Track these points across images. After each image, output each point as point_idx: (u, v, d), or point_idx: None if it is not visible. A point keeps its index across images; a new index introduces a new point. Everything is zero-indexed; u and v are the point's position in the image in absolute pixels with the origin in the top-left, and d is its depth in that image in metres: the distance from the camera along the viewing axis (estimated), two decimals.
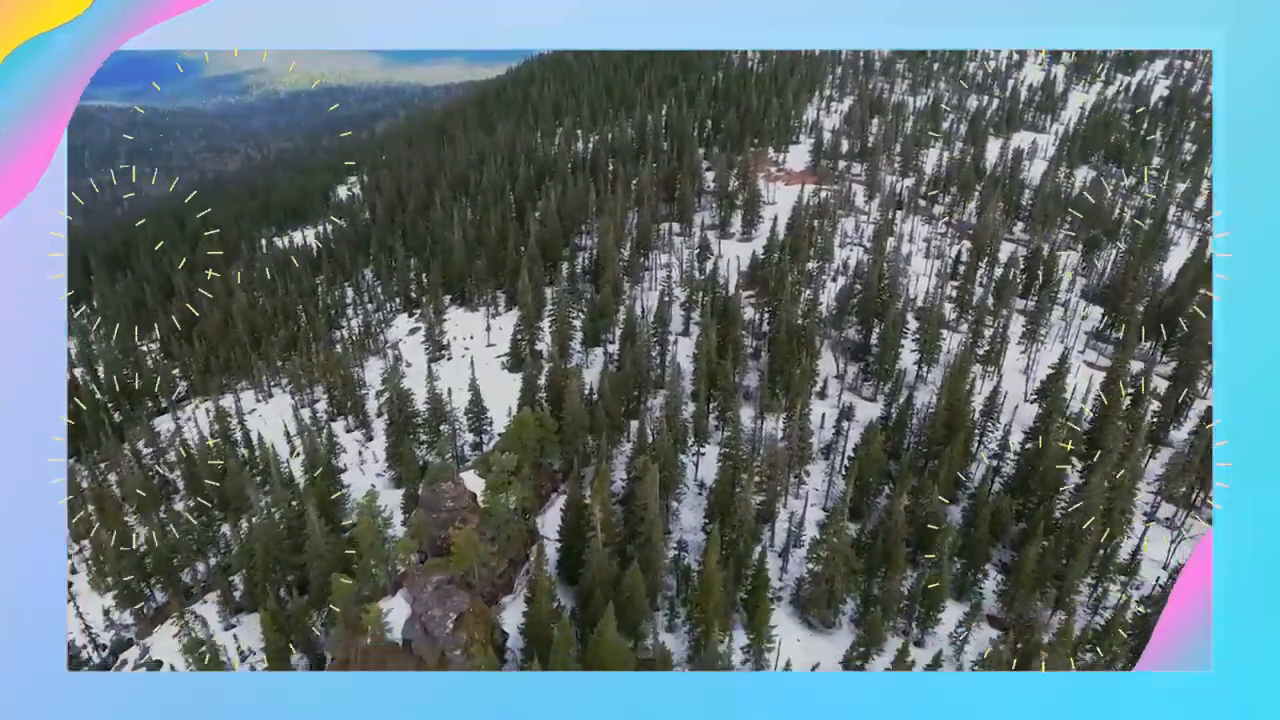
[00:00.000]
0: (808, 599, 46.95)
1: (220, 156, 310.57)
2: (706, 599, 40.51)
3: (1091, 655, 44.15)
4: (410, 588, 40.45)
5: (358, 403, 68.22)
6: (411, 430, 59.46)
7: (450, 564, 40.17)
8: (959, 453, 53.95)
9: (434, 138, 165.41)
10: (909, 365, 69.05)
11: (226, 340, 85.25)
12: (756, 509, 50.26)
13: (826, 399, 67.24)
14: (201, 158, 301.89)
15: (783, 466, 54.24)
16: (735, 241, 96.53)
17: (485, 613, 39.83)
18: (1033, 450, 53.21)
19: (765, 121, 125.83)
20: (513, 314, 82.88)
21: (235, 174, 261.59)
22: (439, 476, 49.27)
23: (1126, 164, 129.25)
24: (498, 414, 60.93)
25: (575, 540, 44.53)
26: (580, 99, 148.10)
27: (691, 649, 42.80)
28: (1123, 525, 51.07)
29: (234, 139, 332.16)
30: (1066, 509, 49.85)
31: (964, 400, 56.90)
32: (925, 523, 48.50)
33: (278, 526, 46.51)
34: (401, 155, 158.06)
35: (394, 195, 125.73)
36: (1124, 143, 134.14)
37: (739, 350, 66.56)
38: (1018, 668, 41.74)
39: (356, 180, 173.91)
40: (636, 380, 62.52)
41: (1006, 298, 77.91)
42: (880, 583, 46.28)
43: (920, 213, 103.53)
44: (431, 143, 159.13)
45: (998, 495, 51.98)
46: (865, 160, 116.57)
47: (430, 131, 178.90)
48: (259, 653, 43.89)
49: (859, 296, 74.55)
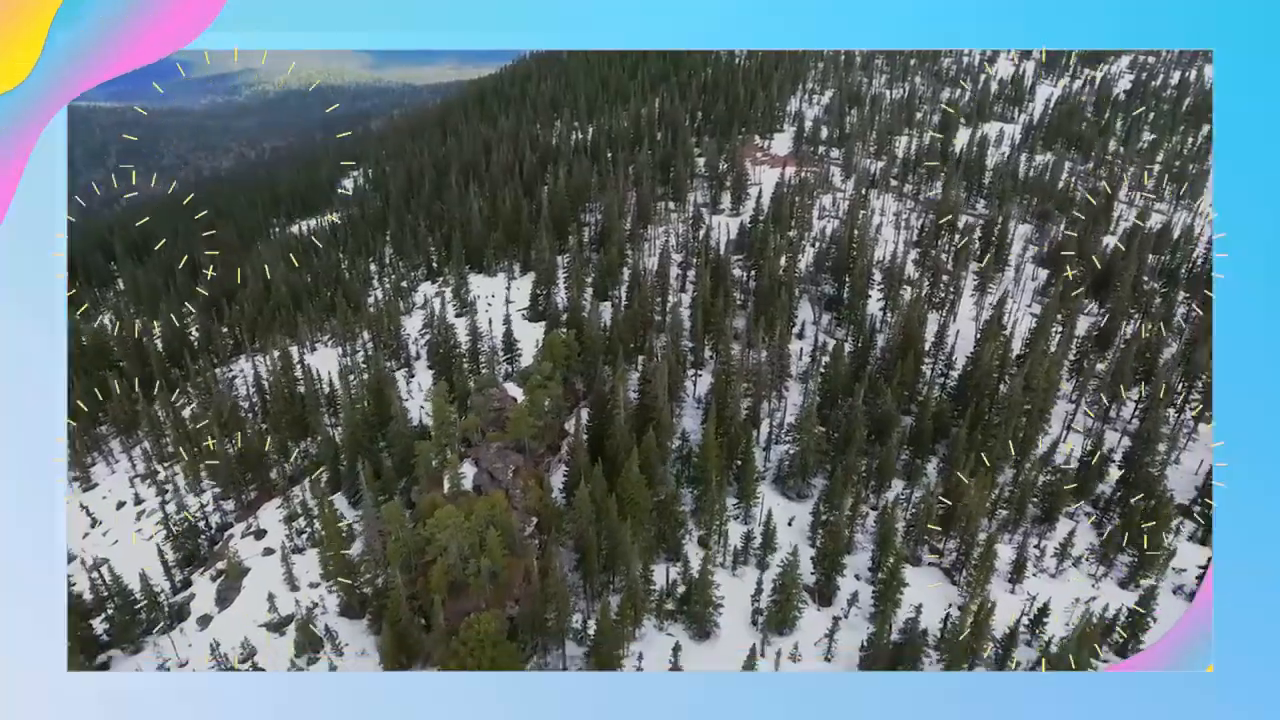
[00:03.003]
0: (786, 475, 60.64)
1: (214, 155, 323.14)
2: (707, 458, 53.99)
3: (1006, 512, 58.19)
4: (477, 453, 53.68)
5: (402, 344, 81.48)
6: (454, 360, 72.51)
7: (507, 433, 53.44)
8: (910, 369, 67.82)
9: (437, 131, 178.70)
10: (875, 312, 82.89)
11: (270, 303, 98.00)
12: (745, 412, 63.91)
13: (804, 339, 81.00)
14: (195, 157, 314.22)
15: (766, 382, 67.87)
16: (725, 216, 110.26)
17: (536, 465, 53.09)
18: (970, 364, 67.31)
19: (752, 112, 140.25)
20: (528, 278, 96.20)
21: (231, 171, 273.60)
22: (486, 386, 62.61)
23: (1085, 150, 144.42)
24: (525, 351, 74.18)
25: (602, 422, 57.72)
26: (577, 93, 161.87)
27: (695, 501, 56.27)
28: (1040, 424, 65.29)
29: (226, 138, 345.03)
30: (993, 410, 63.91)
31: (916, 328, 70.68)
32: (881, 418, 62.32)
33: (359, 415, 59.52)
34: (407, 147, 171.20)
35: (405, 181, 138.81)
36: (1084, 131, 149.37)
37: (729, 298, 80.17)
38: (941, 524, 55.28)
39: (361, 173, 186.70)
40: (643, 320, 75.95)
41: (963, 259, 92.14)
42: (842, 460, 59.83)
43: (891, 191, 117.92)
44: (435, 135, 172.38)
45: (940, 400, 65.96)
46: (843, 145, 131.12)
47: (432, 125, 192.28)
48: (355, 513, 56.40)
49: (833, 258, 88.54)
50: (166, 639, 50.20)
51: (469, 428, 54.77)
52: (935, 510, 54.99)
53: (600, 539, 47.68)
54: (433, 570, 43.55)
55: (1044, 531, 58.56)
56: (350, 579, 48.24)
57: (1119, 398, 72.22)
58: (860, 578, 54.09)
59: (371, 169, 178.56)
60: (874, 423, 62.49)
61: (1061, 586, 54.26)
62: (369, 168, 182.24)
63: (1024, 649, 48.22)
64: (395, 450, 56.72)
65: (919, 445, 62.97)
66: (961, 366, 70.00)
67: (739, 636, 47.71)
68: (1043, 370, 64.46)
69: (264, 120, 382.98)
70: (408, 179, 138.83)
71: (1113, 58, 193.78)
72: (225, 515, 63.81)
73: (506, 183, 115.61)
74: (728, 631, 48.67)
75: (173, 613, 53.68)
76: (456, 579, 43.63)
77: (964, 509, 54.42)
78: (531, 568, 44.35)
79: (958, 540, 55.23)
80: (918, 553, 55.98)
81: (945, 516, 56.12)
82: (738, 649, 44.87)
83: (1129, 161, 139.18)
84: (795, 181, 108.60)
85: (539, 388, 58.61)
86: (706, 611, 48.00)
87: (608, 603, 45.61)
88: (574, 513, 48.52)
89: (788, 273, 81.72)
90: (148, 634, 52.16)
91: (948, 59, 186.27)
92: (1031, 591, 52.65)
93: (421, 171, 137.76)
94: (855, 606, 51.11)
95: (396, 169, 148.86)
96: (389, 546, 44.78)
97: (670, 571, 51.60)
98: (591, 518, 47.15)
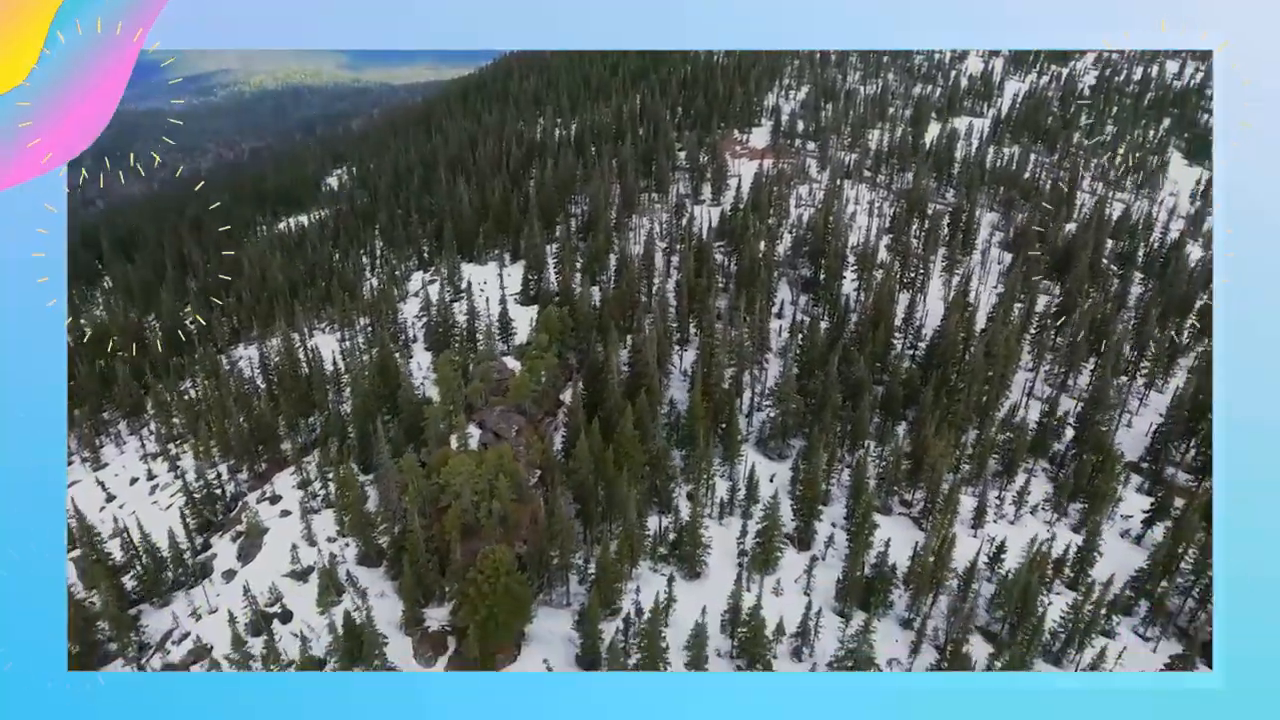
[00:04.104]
0: (767, 437, 66.06)
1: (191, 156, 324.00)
2: (694, 418, 59.22)
3: (969, 467, 63.91)
4: (481, 417, 58.53)
5: (400, 327, 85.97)
6: (452, 340, 77.14)
7: (510, 397, 58.35)
8: (881, 341, 73.54)
9: (421, 128, 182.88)
10: (850, 292, 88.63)
11: (266, 292, 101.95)
12: (729, 381, 69.23)
13: (783, 318, 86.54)
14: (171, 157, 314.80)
15: (748, 355, 73.24)
16: (705, 206, 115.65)
17: (536, 427, 58.06)
18: (937, 335, 73.17)
19: (730, 107, 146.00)
20: (518, 265, 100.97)
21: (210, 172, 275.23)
22: (485, 359, 67.49)
23: (1050, 143, 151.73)
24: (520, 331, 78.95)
25: (597, 389, 62.71)
26: (559, 90, 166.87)
27: (683, 460, 61.48)
28: (1001, 389, 71.26)
29: (203, 138, 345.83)
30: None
31: (887, 303, 76.39)
32: (855, 384, 67.91)
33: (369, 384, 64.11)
34: (391, 143, 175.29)
35: (393, 176, 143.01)
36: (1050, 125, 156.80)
37: (712, 279, 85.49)
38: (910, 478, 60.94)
39: (345, 170, 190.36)
40: (631, 300, 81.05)
41: (932, 243, 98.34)
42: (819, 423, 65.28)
43: (865, 181, 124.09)
44: (420, 132, 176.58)
45: (909, 370, 71.77)
46: (818, 139, 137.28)
47: (415, 123, 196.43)
48: (366, 478, 60.91)
49: (809, 243, 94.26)
50: (199, 590, 54.53)
51: (473, 393, 59.62)
52: (903, 463, 60.69)
53: (598, 488, 52.72)
54: (447, 515, 48.35)
55: (1004, 484, 64.40)
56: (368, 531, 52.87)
57: (1075, 367, 78.48)
58: (836, 525, 59.51)
59: (356, 166, 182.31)
60: (848, 388, 68.03)
61: (1019, 531, 59.99)
62: (353, 165, 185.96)
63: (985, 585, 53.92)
64: (404, 416, 61.34)
65: (890, 410, 68.63)
66: (929, 339, 75.90)
67: (725, 576, 52.87)
68: (1003, 339, 70.44)
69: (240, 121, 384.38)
70: (394, 174, 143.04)
71: (1078, 55, 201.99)
72: (239, 485, 68.04)
73: (494, 175, 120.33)
74: (715, 572, 53.88)
75: (196, 570, 58.03)
76: (469, 522, 48.50)
77: (930, 463, 60.10)
78: (538, 508, 49.30)
79: (925, 491, 60.94)
80: (888, 504, 61.59)
81: (913, 470, 61.86)
82: (725, 587, 50.17)
83: (1091, 153, 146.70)
84: (773, 172, 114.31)
85: (537, 358, 63.58)
86: (696, 553, 53.22)
87: (607, 543, 50.66)
88: (574, 463, 53.47)
89: (766, 256, 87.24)
90: (176, 589, 56.50)
91: (919, 56, 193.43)
92: (991, 535, 58.36)
93: (409, 167, 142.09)
94: (831, 548, 56.54)
95: (383, 164, 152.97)
96: (407, 493, 49.46)
97: (662, 521, 56.79)
98: (591, 467, 52.16)
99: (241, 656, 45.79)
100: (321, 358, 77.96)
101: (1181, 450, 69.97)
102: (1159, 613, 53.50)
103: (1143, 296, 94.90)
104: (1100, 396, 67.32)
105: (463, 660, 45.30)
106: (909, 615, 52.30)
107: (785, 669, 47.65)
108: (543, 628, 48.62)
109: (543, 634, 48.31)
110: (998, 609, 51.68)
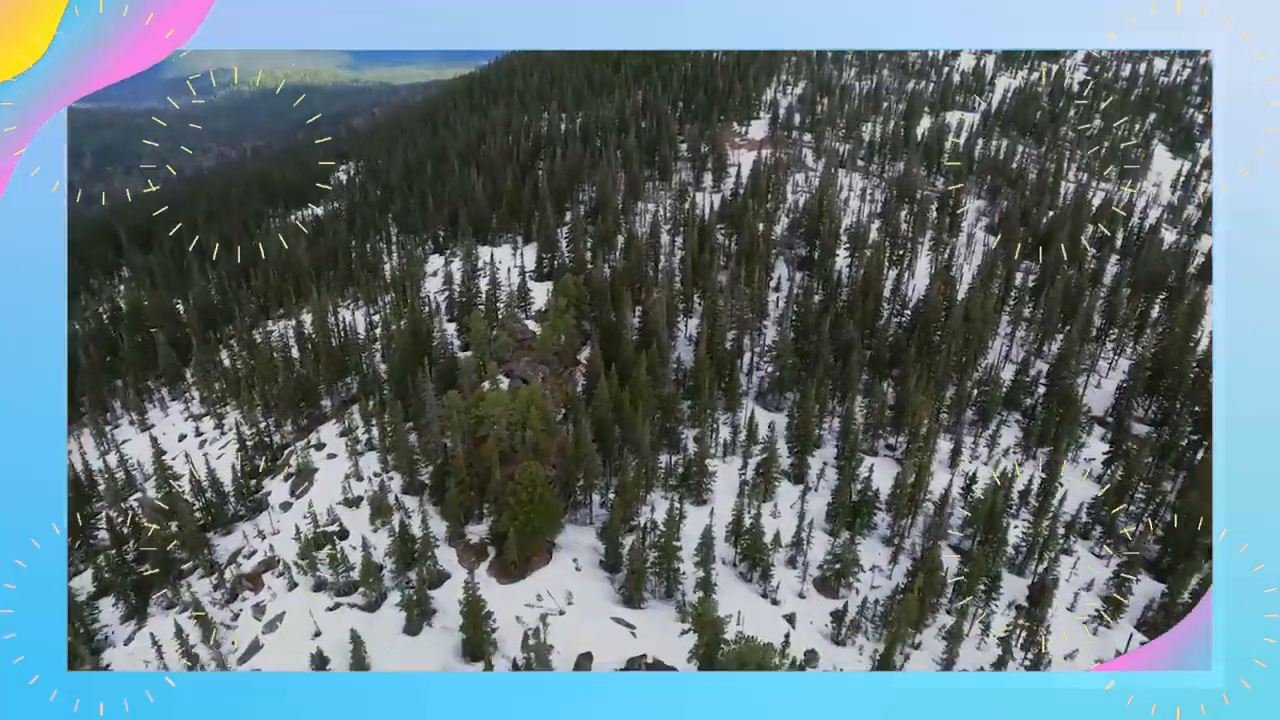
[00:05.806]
0: (766, 390, 74.38)
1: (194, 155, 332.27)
2: (700, 370, 67.46)
3: (947, 416, 72.21)
4: (509, 367, 66.72)
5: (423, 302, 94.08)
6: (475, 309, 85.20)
7: (535, 349, 66.53)
8: (870, 309, 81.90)
9: (427, 124, 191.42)
10: (842, 268, 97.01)
11: (292, 273, 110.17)
12: (730, 343, 77.53)
13: (780, 292, 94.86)
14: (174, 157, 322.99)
15: (747, 322, 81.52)
16: (707, 194, 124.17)
17: (561, 375, 66.28)
18: (922, 302, 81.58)
19: (730, 101, 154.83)
20: (531, 248, 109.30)
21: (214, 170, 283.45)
22: (507, 323, 75.69)
23: (1039, 136, 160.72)
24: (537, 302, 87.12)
25: (611, 346, 70.82)
26: (564, 86, 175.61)
27: (690, 409, 69.68)
28: (979, 349, 79.66)
29: (204, 138, 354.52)
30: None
31: (876, 274, 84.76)
32: (845, 344, 76.24)
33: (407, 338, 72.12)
34: (399, 138, 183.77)
35: (404, 168, 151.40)
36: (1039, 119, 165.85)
37: (714, 254, 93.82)
38: (893, 425, 69.15)
39: (352, 166, 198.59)
40: (640, 275, 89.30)
41: (920, 226, 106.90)
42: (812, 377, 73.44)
43: (858, 170, 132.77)
44: (427, 127, 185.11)
45: (895, 334, 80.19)
46: (814, 130, 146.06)
47: (419, 120, 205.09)
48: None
49: (805, 225, 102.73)
50: (259, 519, 62.56)
51: (501, 346, 67.78)
52: (887, 412, 69.02)
53: (615, 426, 60.87)
54: (485, 443, 56.46)
55: (979, 432, 72.66)
56: (413, 464, 60.94)
57: (1049, 335, 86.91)
58: (827, 464, 67.68)
59: (363, 161, 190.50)
60: (839, 348, 76.30)
61: (991, 471, 68.15)
62: (359, 161, 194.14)
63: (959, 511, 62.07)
64: (439, 368, 69.39)
65: (877, 369, 76.94)
66: (914, 306, 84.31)
67: (729, 503, 60.86)
68: (979, 304, 78.83)
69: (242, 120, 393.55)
70: (405, 166, 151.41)
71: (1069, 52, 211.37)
72: (285, 437, 76.07)
73: (505, 165, 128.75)
74: (720, 500, 61.98)
75: (253, 506, 66.04)
76: (505, 449, 56.58)
77: (912, 410, 68.38)
78: (565, 439, 57.45)
79: (907, 436, 69.21)
80: (875, 446, 69.85)
81: (896, 418, 70.17)
82: (729, 511, 58.29)
83: (1077, 145, 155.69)
84: (771, 161, 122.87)
85: (557, 317, 71.79)
86: (703, 482, 61.42)
87: (626, 469, 58.71)
88: (595, 404, 61.61)
89: (765, 235, 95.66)
90: (236, 521, 64.53)
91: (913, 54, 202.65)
92: (966, 472, 66.54)
93: (420, 159, 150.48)
94: (823, 480, 64.78)
95: (393, 156, 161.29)
96: (450, 423, 57.51)
97: (672, 458, 64.99)
98: (610, 407, 60.34)
99: (310, 563, 53.67)
100: (353, 328, 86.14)
101: (1145, 405, 78.38)
102: (1111, 535, 61.82)
103: (1118, 275, 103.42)
104: (1067, 355, 75.62)
105: (501, 565, 53.29)
106: (890, 534, 60.50)
107: (781, 576, 55.76)
108: (570, 539, 56.80)
109: (570, 544, 56.46)
110: (968, 529, 59.84)
